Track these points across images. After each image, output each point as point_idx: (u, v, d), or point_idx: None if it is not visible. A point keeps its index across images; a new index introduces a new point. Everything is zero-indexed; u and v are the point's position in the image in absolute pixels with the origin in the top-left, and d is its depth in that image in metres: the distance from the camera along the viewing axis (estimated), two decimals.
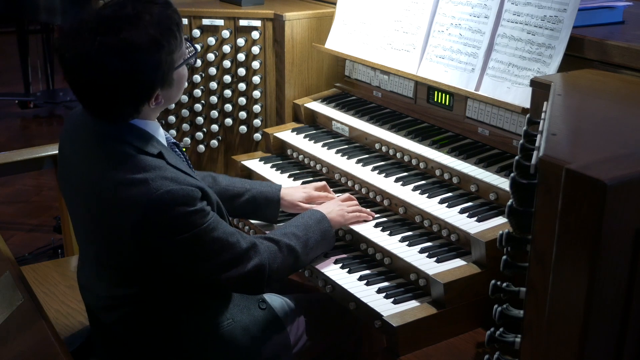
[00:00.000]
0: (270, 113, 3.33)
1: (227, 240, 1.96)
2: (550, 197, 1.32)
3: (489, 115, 2.60)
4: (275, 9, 3.21)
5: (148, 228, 1.85)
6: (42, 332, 1.95)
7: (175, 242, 1.88)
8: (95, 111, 1.91)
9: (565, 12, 2.34)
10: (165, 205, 1.83)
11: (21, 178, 5.39)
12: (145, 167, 1.85)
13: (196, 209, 1.88)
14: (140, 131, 1.92)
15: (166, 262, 1.93)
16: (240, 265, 1.99)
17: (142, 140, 1.90)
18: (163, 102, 1.95)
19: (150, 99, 1.89)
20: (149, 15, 1.80)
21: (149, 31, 1.79)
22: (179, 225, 1.86)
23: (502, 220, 2.29)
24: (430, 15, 2.79)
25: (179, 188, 1.85)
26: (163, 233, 1.86)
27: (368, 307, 2.22)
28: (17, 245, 4.49)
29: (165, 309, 2.04)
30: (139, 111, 1.91)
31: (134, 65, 1.79)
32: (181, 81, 1.98)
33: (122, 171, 1.84)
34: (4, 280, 2.20)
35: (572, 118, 1.73)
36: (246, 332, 2.13)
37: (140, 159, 1.87)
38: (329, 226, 2.36)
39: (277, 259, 2.10)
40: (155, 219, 1.84)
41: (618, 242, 1.26)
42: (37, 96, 6.89)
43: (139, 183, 1.82)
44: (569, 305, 1.30)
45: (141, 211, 1.82)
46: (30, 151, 3.14)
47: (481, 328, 2.22)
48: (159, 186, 1.82)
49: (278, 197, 2.55)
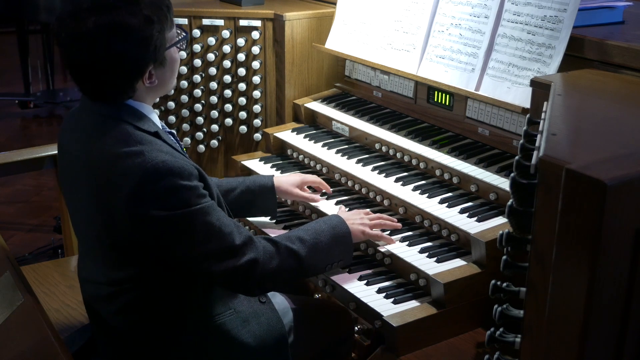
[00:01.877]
0: (270, 113, 3.33)
1: (220, 229, 1.94)
2: (550, 197, 1.32)
3: (489, 115, 2.60)
4: (275, 9, 3.21)
5: (142, 198, 1.86)
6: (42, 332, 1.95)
7: (166, 218, 1.87)
8: (92, 92, 1.97)
9: (565, 12, 2.34)
10: (160, 174, 1.85)
11: (21, 178, 5.39)
12: (142, 141, 1.91)
13: (191, 185, 1.89)
14: (136, 111, 1.98)
15: (155, 240, 1.91)
16: (231, 258, 1.96)
17: (138, 119, 1.96)
18: (157, 84, 1.99)
19: (143, 75, 1.94)
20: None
21: (141, 10, 1.87)
22: (172, 198, 1.87)
23: (502, 220, 2.30)
24: (430, 15, 2.79)
25: (174, 160, 1.88)
26: (156, 204, 1.86)
27: (368, 307, 2.22)
28: (17, 245, 4.49)
29: (165, 297, 2.03)
30: (135, 89, 1.96)
31: (126, 41, 1.87)
32: (174, 64, 2.04)
33: (119, 145, 1.89)
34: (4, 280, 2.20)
35: (572, 118, 1.73)
36: (246, 324, 2.12)
37: (137, 134, 1.92)
38: (347, 233, 2.26)
39: (274, 261, 2.05)
40: (149, 187, 1.85)
41: (618, 242, 1.26)
42: (37, 96, 6.89)
43: (135, 155, 1.87)
44: (569, 305, 1.30)
45: (136, 180, 1.84)
46: (30, 151, 3.14)
47: (481, 328, 2.23)
48: (154, 157, 1.86)
49: (272, 183, 2.56)
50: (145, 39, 1.88)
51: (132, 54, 1.88)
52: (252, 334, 2.13)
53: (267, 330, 2.16)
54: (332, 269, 2.28)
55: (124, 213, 1.88)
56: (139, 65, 1.92)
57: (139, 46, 1.88)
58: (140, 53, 1.90)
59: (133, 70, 1.92)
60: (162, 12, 1.93)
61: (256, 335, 2.13)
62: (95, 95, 1.97)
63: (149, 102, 2.03)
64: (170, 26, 1.98)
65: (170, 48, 1.99)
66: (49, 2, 5.62)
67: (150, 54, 1.91)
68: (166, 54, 1.98)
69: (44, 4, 5.63)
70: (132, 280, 2.00)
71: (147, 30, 1.88)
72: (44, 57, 6.93)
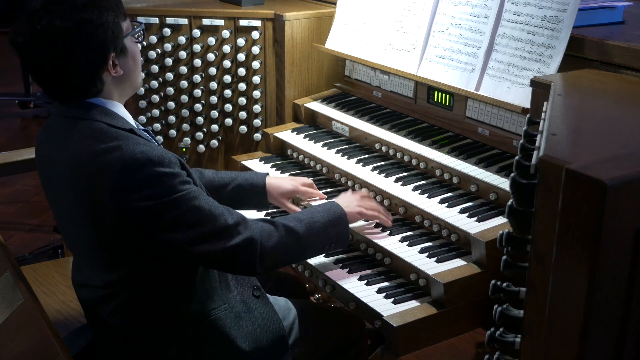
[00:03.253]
0: (270, 113, 3.33)
1: (210, 211, 1.94)
2: (550, 197, 1.32)
3: (489, 115, 2.60)
4: (275, 9, 3.21)
5: (125, 191, 1.85)
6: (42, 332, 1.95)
7: (153, 207, 1.87)
8: (60, 92, 1.98)
9: (566, 12, 2.34)
10: (140, 164, 1.85)
11: (21, 178, 5.39)
12: (118, 137, 1.91)
13: (173, 172, 1.89)
14: (107, 110, 1.98)
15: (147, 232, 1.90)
16: (227, 238, 1.95)
17: (111, 117, 1.97)
18: (123, 75, 2.00)
19: (107, 63, 1.95)
20: None
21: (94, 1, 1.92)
22: (155, 187, 1.86)
23: (502, 220, 2.30)
24: (430, 15, 2.79)
25: (152, 149, 1.89)
26: (140, 195, 1.85)
27: (368, 307, 2.22)
28: (17, 245, 4.49)
29: (159, 295, 2.03)
30: (102, 81, 1.97)
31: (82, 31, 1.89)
32: (135, 55, 2.06)
33: (95, 143, 1.89)
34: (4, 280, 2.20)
35: (572, 118, 1.73)
36: (239, 319, 2.12)
37: (112, 130, 1.93)
38: (342, 215, 2.28)
39: (273, 238, 2.05)
40: (130, 178, 1.85)
41: (618, 242, 1.26)
42: (37, 96, 6.89)
43: (112, 149, 1.87)
44: (569, 305, 1.30)
45: (116, 174, 1.84)
46: (30, 151, 3.14)
47: (481, 328, 2.23)
48: (132, 149, 1.87)
49: (264, 182, 2.57)
50: (101, 25, 1.91)
51: (91, 41, 1.90)
52: (246, 329, 2.12)
53: (262, 325, 2.15)
54: (330, 250, 2.27)
55: (109, 209, 1.87)
56: (100, 54, 1.93)
57: (96, 32, 1.91)
58: (99, 39, 1.92)
59: (95, 60, 1.93)
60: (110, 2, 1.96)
61: (250, 330, 2.12)
62: (64, 96, 1.99)
63: (117, 99, 2.03)
64: (123, 16, 2.00)
65: (127, 36, 2.01)
66: None
67: (109, 39, 1.93)
68: (125, 42, 2.00)
69: None
70: (125, 281, 2.00)
71: (100, 17, 1.91)
72: None
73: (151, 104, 3.38)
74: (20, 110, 7.01)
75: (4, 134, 6.52)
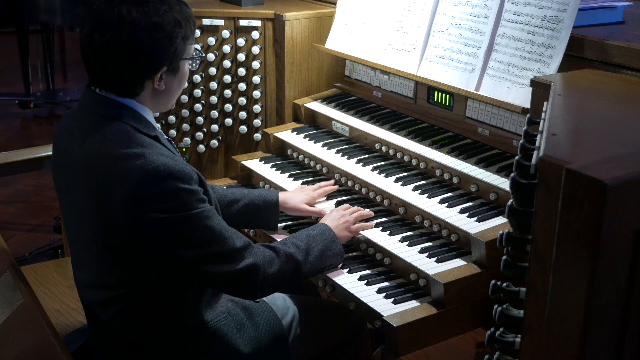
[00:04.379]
0: (270, 113, 3.33)
1: (220, 233, 1.95)
2: (550, 197, 1.32)
3: (489, 115, 2.60)
4: (275, 9, 3.21)
5: (141, 200, 1.86)
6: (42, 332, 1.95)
7: (166, 220, 1.87)
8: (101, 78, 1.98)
9: (566, 12, 2.34)
10: (161, 177, 1.85)
11: (21, 178, 5.39)
12: (143, 144, 1.91)
13: (191, 189, 1.90)
14: (136, 114, 1.99)
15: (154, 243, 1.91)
16: (232, 262, 1.96)
17: (138, 121, 1.97)
18: (163, 90, 2.01)
19: (155, 75, 1.96)
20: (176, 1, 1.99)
21: (173, 13, 1.95)
22: (172, 201, 1.87)
23: (502, 220, 2.30)
24: (430, 15, 2.79)
25: (175, 163, 1.89)
26: (155, 207, 1.86)
27: (368, 307, 2.22)
28: (17, 245, 4.49)
29: (160, 302, 2.03)
30: (143, 87, 1.98)
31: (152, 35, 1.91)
32: (183, 77, 2.07)
33: (119, 146, 1.90)
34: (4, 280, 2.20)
35: (572, 118, 1.73)
36: (241, 327, 2.12)
37: (138, 136, 1.93)
38: (334, 238, 2.32)
39: (274, 265, 2.07)
40: (149, 189, 1.85)
41: (618, 242, 1.26)
42: (37, 96, 6.89)
43: (135, 156, 1.87)
44: (569, 305, 1.30)
45: (136, 181, 1.84)
46: (30, 151, 3.14)
47: (481, 328, 2.22)
48: (155, 159, 1.87)
49: (277, 198, 2.56)
50: (169, 39, 1.94)
51: (153, 49, 1.92)
52: (248, 335, 2.13)
53: (264, 330, 2.16)
54: (325, 272, 2.32)
55: (122, 214, 1.87)
56: (155, 63, 1.95)
57: (162, 44, 1.93)
58: (160, 51, 1.94)
59: (148, 66, 1.95)
60: (190, 24, 2.00)
61: (252, 337, 2.13)
62: (102, 82, 1.98)
63: (150, 107, 2.03)
64: (192, 40, 2.04)
65: (186, 60, 2.03)
66: (49, 2, 5.62)
67: (169, 55, 1.96)
68: (181, 63, 2.02)
69: (44, 4, 5.62)
70: (126, 285, 1.99)
71: (173, 32, 1.94)
72: (44, 57, 6.93)
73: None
74: (20, 110, 7.01)
75: (4, 134, 6.52)
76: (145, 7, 1.91)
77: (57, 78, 7.42)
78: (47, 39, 6.83)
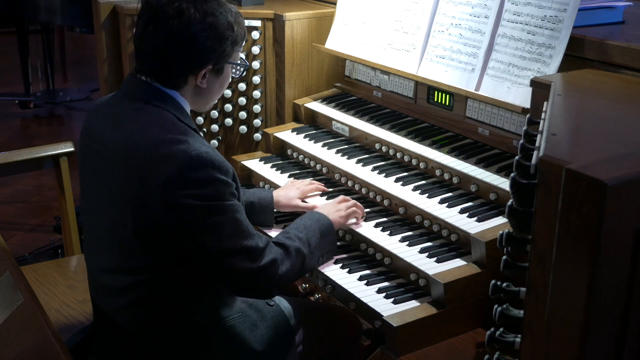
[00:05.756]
0: (270, 113, 3.33)
1: (248, 229, 1.99)
2: (550, 197, 1.32)
3: (489, 115, 2.60)
4: (275, 9, 3.21)
5: (179, 184, 1.88)
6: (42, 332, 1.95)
7: (199, 207, 1.90)
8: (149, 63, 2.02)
9: (566, 12, 2.34)
10: (202, 164, 1.89)
11: (21, 178, 5.39)
12: (186, 132, 1.96)
13: (227, 181, 1.94)
14: (180, 105, 2.04)
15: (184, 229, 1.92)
16: (255, 259, 2.00)
17: (181, 112, 2.03)
18: (204, 90, 2.06)
19: (200, 71, 2.01)
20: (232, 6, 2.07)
21: (230, 16, 2.02)
22: (208, 189, 1.90)
23: (502, 220, 2.30)
24: (430, 15, 2.79)
25: (216, 154, 1.94)
26: (192, 192, 1.89)
27: (368, 307, 2.22)
28: (17, 245, 4.49)
29: (178, 294, 2.03)
30: (185, 82, 2.02)
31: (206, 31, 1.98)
32: (225, 80, 2.12)
33: (164, 131, 1.94)
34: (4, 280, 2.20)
35: (572, 118, 1.73)
36: (254, 327, 2.13)
37: (181, 125, 1.99)
38: (330, 225, 2.37)
39: (286, 262, 2.11)
40: (188, 174, 1.88)
41: (618, 242, 1.26)
42: (37, 96, 6.89)
43: (180, 142, 1.91)
44: (569, 305, 1.30)
45: (178, 165, 1.88)
46: (30, 151, 3.14)
47: (481, 328, 2.23)
48: (198, 147, 1.91)
49: (271, 197, 2.62)
50: (221, 39, 2.00)
51: (203, 44, 1.98)
52: (261, 337, 2.13)
53: (276, 332, 2.17)
54: (324, 261, 2.39)
55: (158, 196, 1.89)
56: (202, 59, 2.00)
57: (213, 42, 1.99)
58: (210, 48, 1.99)
59: (195, 60, 2.00)
60: (242, 30, 2.07)
61: (264, 338, 2.14)
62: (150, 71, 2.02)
63: (190, 102, 2.08)
64: (240, 46, 2.09)
65: (231, 64, 2.09)
66: (49, 2, 5.62)
67: (218, 54, 2.01)
68: (225, 66, 2.06)
69: (44, 4, 5.62)
70: (147, 271, 1.99)
71: (226, 33, 2.00)
72: (44, 57, 6.93)
73: None
74: (20, 110, 7.01)
75: (4, 134, 6.52)
76: (204, 6, 1.97)
77: (57, 78, 7.42)
78: (47, 39, 6.82)
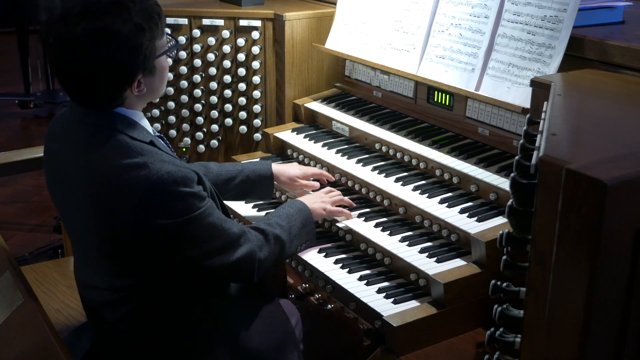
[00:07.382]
0: (270, 113, 3.33)
1: (221, 226, 1.99)
2: (550, 197, 1.32)
3: (489, 115, 2.60)
4: (275, 9, 3.21)
5: (148, 209, 1.87)
6: (42, 332, 1.95)
7: (173, 225, 1.89)
8: (80, 97, 1.95)
9: (565, 12, 2.34)
10: (166, 185, 1.86)
11: (21, 178, 5.39)
12: (142, 152, 1.90)
13: (194, 192, 1.92)
14: (129, 120, 1.96)
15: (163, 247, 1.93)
16: (232, 252, 2.01)
17: (133, 128, 1.95)
18: (146, 92, 1.98)
19: (132, 84, 1.92)
20: (132, 3, 1.87)
21: (132, 18, 1.85)
22: (177, 207, 1.89)
23: (502, 220, 2.30)
24: (430, 15, 2.79)
25: (177, 169, 1.90)
26: (162, 214, 1.88)
27: (368, 307, 2.22)
28: (17, 245, 4.49)
29: (169, 303, 2.03)
30: (123, 97, 1.94)
31: (116, 48, 1.84)
32: (163, 72, 2.02)
33: (120, 156, 1.88)
34: (4, 280, 2.20)
35: (572, 118, 1.73)
36: (252, 328, 2.13)
37: (136, 144, 1.92)
38: (310, 215, 2.41)
39: (265, 248, 2.13)
40: (155, 199, 1.86)
41: (618, 242, 1.26)
42: (37, 96, 6.89)
43: (138, 167, 1.86)
44: (569, 305, 1.30)
45: (142, 192, 1.85)
46: (30, 151, 3.14)
47: (481, 328, 2.23)
48: (158, 168, 1.87)
49: (270, 172, 2.66)
50: (135, 48, 1.86)
51: (121, 62, 1.86)
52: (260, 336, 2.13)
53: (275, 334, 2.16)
54: (302, 249, 2.43)
55: (130, 224, 1.88)
56: (128, 74, 1.89)
57: (129, 54, 1.86)
58: (130, 61, 1.87)
59: (122, 79, 1.90)
60: (153, 20, 1.90)
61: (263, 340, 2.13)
62: (84, 102, 1.95)
63: (138, 108, 2.02)
64: (160, 34, 1.94)
65: (160, 56, 1.97)
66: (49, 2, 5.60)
67: (140, 62, 1.89)
68: (156, 62, 1.96)
69: (44, 4, 5.62)
70: (136, 287, 2.00)
71: (137, 39, 1.85)
72: (44, 57, 6.92)
73: (151, 104, 3.37)
74: (20, 110, 7.01)
75: (4, 134, 6.52)
76: (102, 22, 1.82)
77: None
78: None
